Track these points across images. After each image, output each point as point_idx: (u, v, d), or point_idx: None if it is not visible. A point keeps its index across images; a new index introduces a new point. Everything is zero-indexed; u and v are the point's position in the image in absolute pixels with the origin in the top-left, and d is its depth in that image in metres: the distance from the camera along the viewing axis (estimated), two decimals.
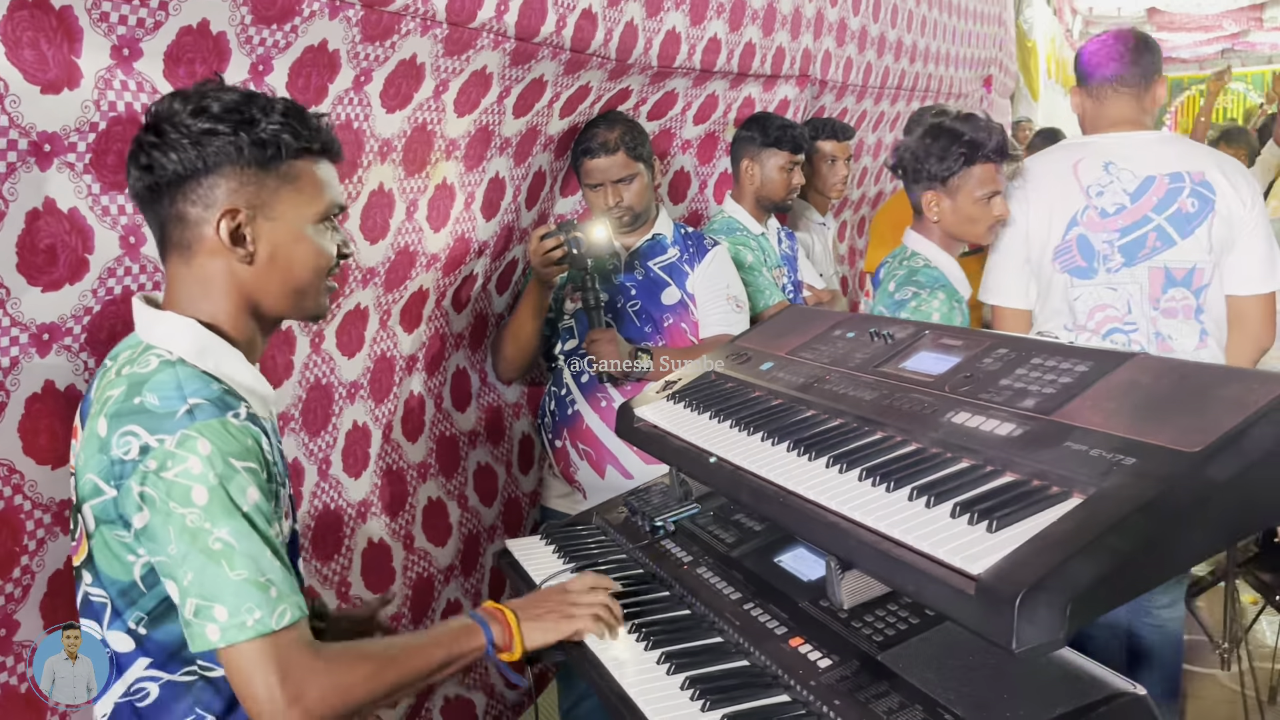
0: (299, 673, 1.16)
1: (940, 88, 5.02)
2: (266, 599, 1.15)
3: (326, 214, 1.34)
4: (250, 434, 1.21)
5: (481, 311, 2.71)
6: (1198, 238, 2.33)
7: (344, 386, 2.17)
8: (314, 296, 1.35)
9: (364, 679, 1.23)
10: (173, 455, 1.15)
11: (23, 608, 1.46)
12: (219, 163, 1.24)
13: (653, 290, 2.61)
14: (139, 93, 1.49)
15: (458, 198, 2.36)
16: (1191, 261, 2.34)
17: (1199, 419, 1.12)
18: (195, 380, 1.21)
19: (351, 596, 2.22)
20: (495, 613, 1.45)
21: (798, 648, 1.36)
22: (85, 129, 1.43)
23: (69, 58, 1.39)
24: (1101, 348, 1.38)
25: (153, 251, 1.58)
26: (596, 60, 2.47)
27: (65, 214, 1.44)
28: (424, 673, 1.32)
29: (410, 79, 2.00)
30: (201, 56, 1.57)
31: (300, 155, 1.30)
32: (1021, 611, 0.99)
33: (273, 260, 1.29)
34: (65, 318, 1.48)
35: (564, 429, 2.58)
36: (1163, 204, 2.35)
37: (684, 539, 1.78)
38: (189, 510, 1.14)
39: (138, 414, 1.17)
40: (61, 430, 1.49)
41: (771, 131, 3.06)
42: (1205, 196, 2.33)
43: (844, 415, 1.54)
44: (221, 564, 1.14)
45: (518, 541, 1.93)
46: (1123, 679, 1.13)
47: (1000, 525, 1.11)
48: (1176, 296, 2.36)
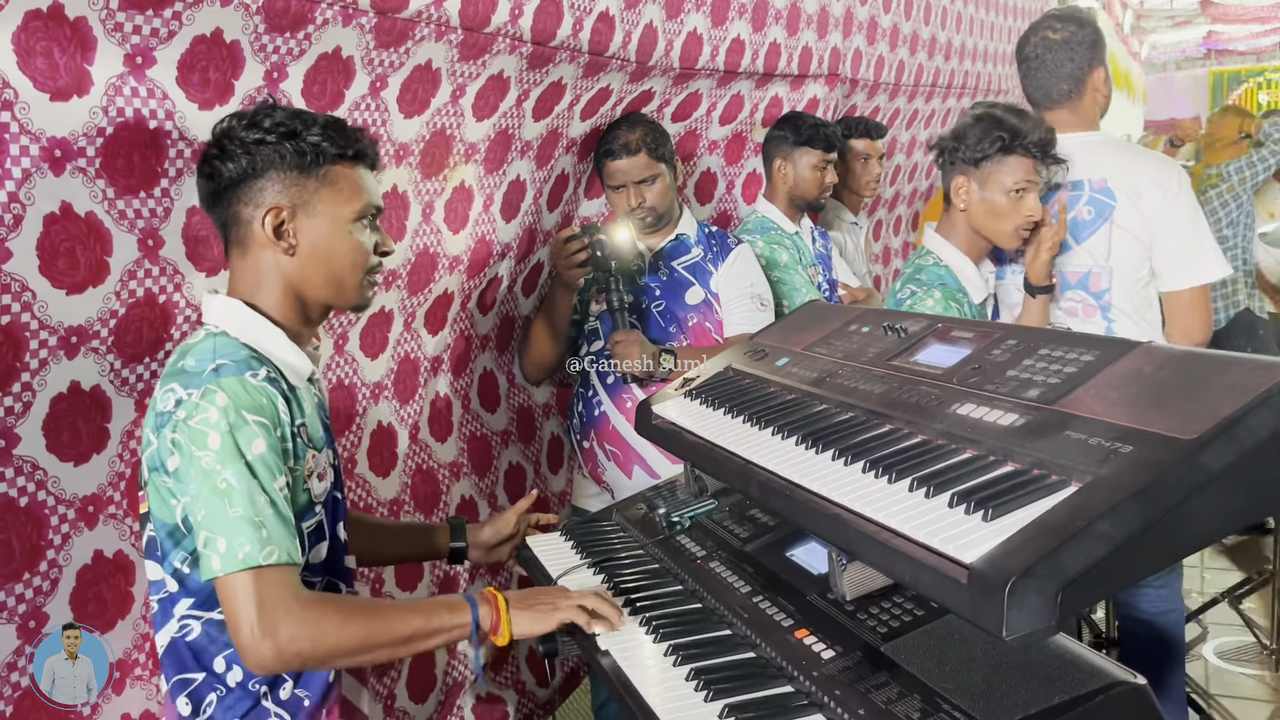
0: (274, 609, 1.27)
1: (978, 84, 4.97)
2: (258, 537, 1.28)
3: (363, 213, 1.49)
4: (266, 393, 1.35)
5: (508, 314, 2.74)
6: (1093, 244, 2.35)
7: (367, 387, 2.21)
8: (354, 286, 1.50)
9: (336, 627, 1.31)
10: (197, 406, 1.31)
11: (52, 600, 1.51)
12: (266, 167, 1.42)
13: (676, 290, 2.62)
14: (149, 99, 1.53)
15: (476, 199, 2.39)
16: (1085, 267, 2.37)
17: (1197, 406, 1.11)
18: (229, 346, 1.38)
19: (383, 593, 2.26)
20: (488, 596, 1.49)
21: (803, 639, 1.37)
22: (93, 134, 1.47)
23: (81, 66, 1.43)
24: (1108, 337, 1.36)
25: (171, 254, 1.63)
26: (616, 63, 2.49)
27: (82, 218, 1.48)
28: (400, 636, 1.38)
29: (427, 84, 2.03)
30: (215, 64, 1.61)
31: (338, 161, 1.46)
32: (1011, 599, 0.99)
33: (313, 253, 1.45)
34: (92, 320, 1.52)
35: (591, 430, 2.60)
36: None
37: (699, 534, 1.79)
38: (204, 453, 1.29)
39: (179, 374, 1.35)
40: (85, 428, 1.54)
41: (804, 130, 3.06)
42: (1102, 204, 2.33)
43: (854, 409, 1.54)
44: (224, 502, 1.28)
45: (538, 538, 1.95)
46: (1122, 668, 1.12)
47: (996, 514, 1.11)
48: (1075, 298, 2.39)
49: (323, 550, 1.47)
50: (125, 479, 1.62)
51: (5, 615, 1.44)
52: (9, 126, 1.36)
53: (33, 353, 1.44)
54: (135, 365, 1.61)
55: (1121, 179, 2.32)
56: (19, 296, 1.41)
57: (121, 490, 1.62)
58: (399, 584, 2.32)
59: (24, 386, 1.44)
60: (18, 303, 1.41)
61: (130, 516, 1.63)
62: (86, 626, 1.52)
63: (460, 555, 1.90)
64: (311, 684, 1.42)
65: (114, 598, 1.62)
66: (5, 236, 1.38)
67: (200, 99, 1.60)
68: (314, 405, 1.49)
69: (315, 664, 1.33)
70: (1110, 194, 2.33)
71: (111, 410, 1.59)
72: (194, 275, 1.68)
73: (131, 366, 1.61)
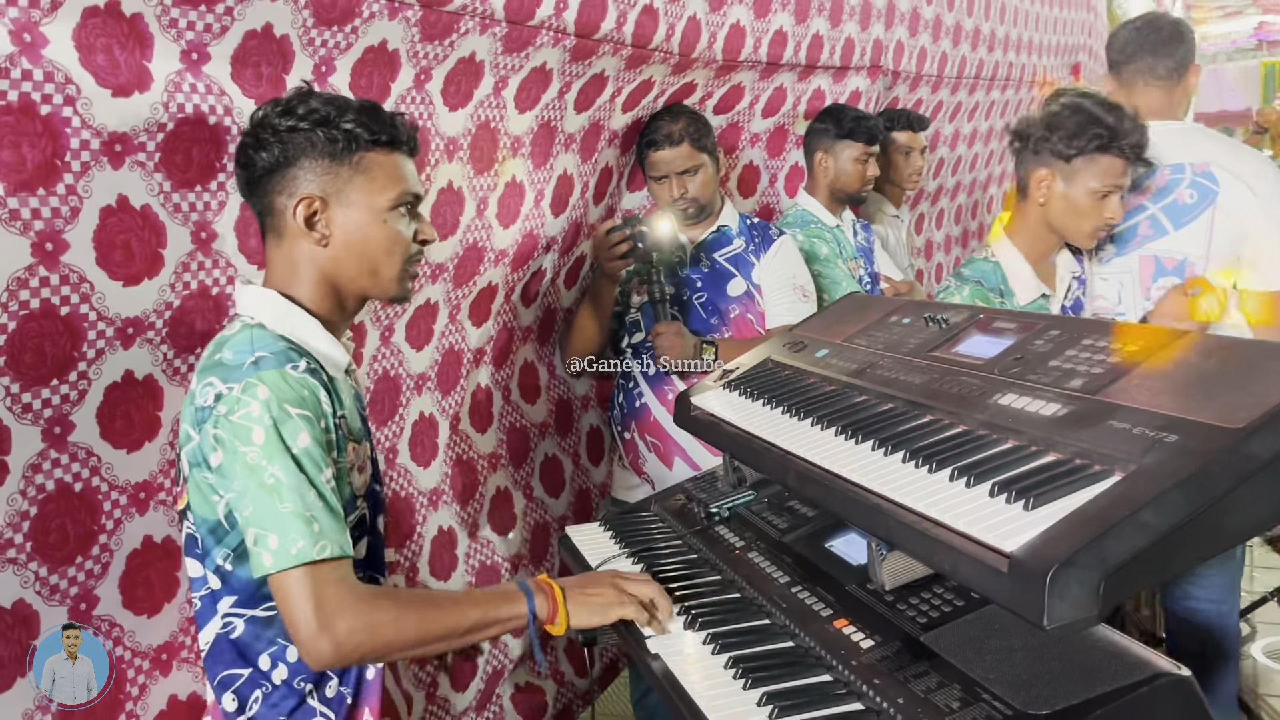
0: (331, 604, 1.26)
1: (1023, 76, 4.91)
2: (310, 531, 1.26)
3: (400, 202, 1.45)
4: (308, 385, 1.33)
5: (550, 306, 2.75)
6: (1193, 230, 2.27)
7: (411, 378, 2.23)
8: (391, 277, 1.46)
9: (393, 620, 1.29)
10: (239, 400, 1.28)
11: (102, 584, 1.54)
12: (298, 156, 1.39)
13: (718, 282, 2.62)
14: (207, 95, 1.56)
15: (528, 195, 2.40)
16: (1184, 253, 2.29)
17: (1245, 395, 1.10)
18: (266, 339, 1.35)
19: (417, 582, 2.29)
20: (544, 585, 1.47)
21: (842, 629, 1.37)
22: (154, 129, 1.50)
23: (140, 62, 1.47)
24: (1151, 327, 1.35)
25: (224, 246, 1.66)
26: (659, 55, 2.49)
27: (138, 211, 1.52)
28: (457, 629, 1.36)
29: (470, 76, 2.05)
30: (267, 59, 1.64)
31: (372, 148, 1.42)
32: (1053, 588, 0.99)
33: (347, 243, 1.42)
34: (148, 312, 1.56)
35: (632, 421, 2.61)
36: (1160, 194, 2.31)
37: (738, 525, 1.79)
38: (249, 449, 1.27)
39: (216, 367, 1.33)
40: (138, 416, 1.57)
41: (846, 123, 3.04)
42: (1206, 188, 2.26)
43: (894, 400, 1.54)
44: (273, 497, 1.26)
45: (578, 528, 1.97)
46: (1167, 660, 1.11)
47: (1037, 504, 1.10)
48: (1166, 286, 2.30)
49: (363, 546, 1.47)
50: (175, 466, 1.65)
51: (58, 597, 1.48)
52: (70, 121, 1.39)
53: (90, 343, 1.48)
54: (187, 356, 1.64)
55: (1225, 165, 2.27)
56: (77, 288, 1.44)
57: (171, 477, 1.65)
58: (431, 573, 2.34)
59: (80, 375, 1.47)
60: (76, 294, 1.44)
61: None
62: (86, 626, 1.54)
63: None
64: (353, 681, 1.41)
65: (161, 582, 1.65)
66: (63, 229, 1.42)
67: (255, 94, 1.63)
68: (351, 397, 1.48)
69: (374, 657, 1.32)
70: (1213, 179, 2.26)
71: (163, 399, 1.62)
72: (246, 268, 1.70)
73: (184, 357, 1.64)
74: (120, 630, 1.58)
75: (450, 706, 2.41)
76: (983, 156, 4.94)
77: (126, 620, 1.59)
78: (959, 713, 1.13)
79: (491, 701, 2.58)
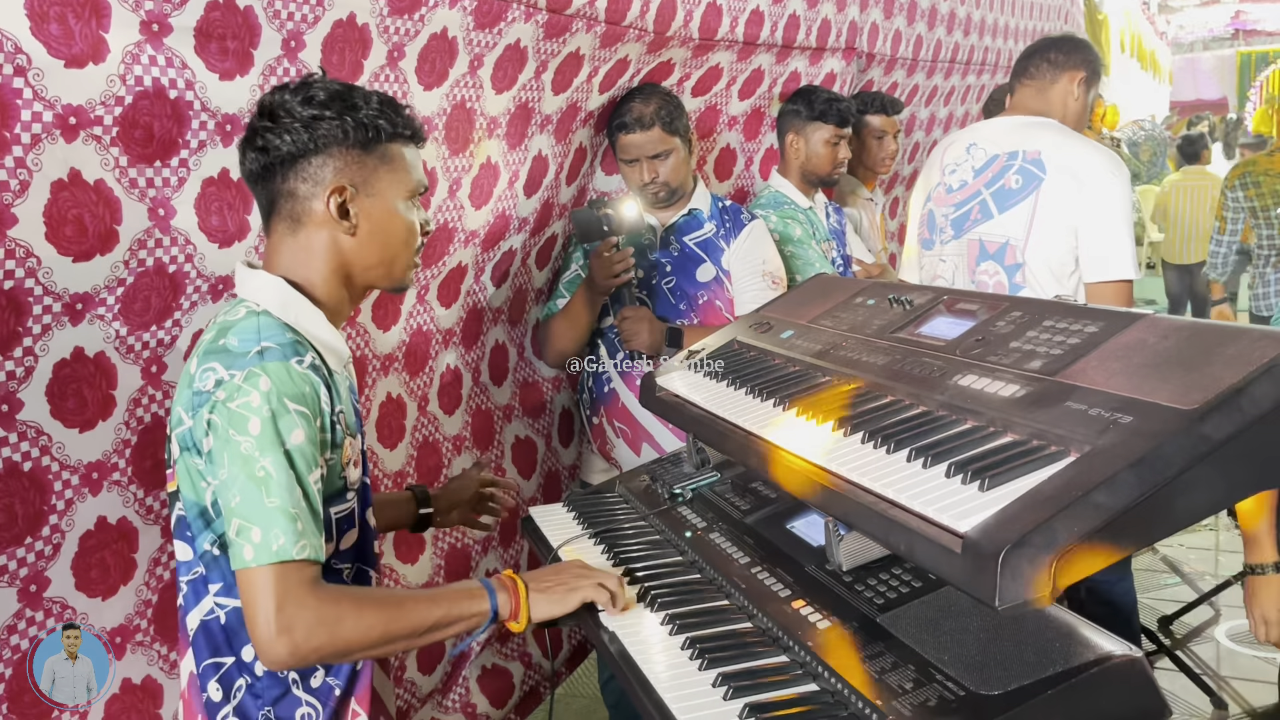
0: (293, 607, 1.24)
1: (999, 61, 4.90)
2: (293, 529, 1.25)
3: (414, 192, 1.47)
4: (309, 381, 1.32)
5: (521, 287, 2.73)
6: (1016, 213, 2.33)
7: (378, 359, 2.21)
8: (403, 267, 1.49)
9: (353, 620, 1.28)
10: (239, 389, 1.27)
11: (53, 565, 1.52)
12: (327, 144, 1.38)
13: (687, 267, 2.59)
14: (168, 68, 1.53)
15: (502, 176, 2.38)
16: (1005, 236, 2.35)
17: (1199, 377, 1.10)
18: (273, 328, 1.33)
19: (383, 566, 2.27)
20: (507, 581, 1.46)
21: (799, 610, 1.36)
22: (111, 103, 1.47)
23: (97, 33, 1.43)
24: (1113, 309, 1.34)
25: (183, 224, 1.63)
26: (633, 33, 2.46)
27: (91, 185, 1.48)
28: (419, 628, 1.35)
29: (444, 54, 2.01)
30: (232, 32, 1.60)
31: (394, 139, 1.44)
32: (1004, 568, 0.98)
33: (372, 233, 1.43)
34: (98, 288, 1.53)
35: (601, 406, 2.59)
36: (993, 179, 2.38)
37: (700, 506, 1.79)
38: (244, 438, 1.25)
39: (220, 353, 1.31)
40: (90, 395, 1.55)
41: (817, 105, 3.03)
42: (1032, 174, 2.32)
43: (857, 380, 1.53)
44: (261, 490, 1.25)
45: (541, 509, 1.96)
46: (1118, 641, 1.11)
47: (992, 484, 1.10)
48: (989, 270, 2.37)
49: (353, 536, 1.46)
50: (131, 446, 1.63)
51: (6, 579, 1.45)
52: (21, 93, 1.36)
53: (35, 318, 1.45)
54: (142, 333, 1.62)
55: (1056, 155, 2.32)
56: (23, 262, 1.41)
57: (127, 457, 1.63)
58: (398, 556, 2.32)
59: (25, 351, 1.44)
60: (21, 268, 1.41)
61: (135, 484, 1.64)
62: (87, 625, 1.53)
63: (427, 522, 1.88)
64: (341, 673, 1.40)
65: (117, 564, 1.63)
66: (11, 203, 1.38)
67: (220, 69, 1.60)
68: (347, 390, 1.46)
69: (334, 658, 1.31)
70: (1041, 166, 2.32)
71: (117, 377, 1.59)
72: (206, 247, 1.67)
73: (138, 335, 1.61)
74: (73, 613, 1.56)
75: (417, 689, 2.40)
76: None
77: (79, 603, 1.57)
78: (912, 693, 1.12)
79: (458, 684, 2.57)
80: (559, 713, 3.28)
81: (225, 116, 1.63)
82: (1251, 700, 3.19)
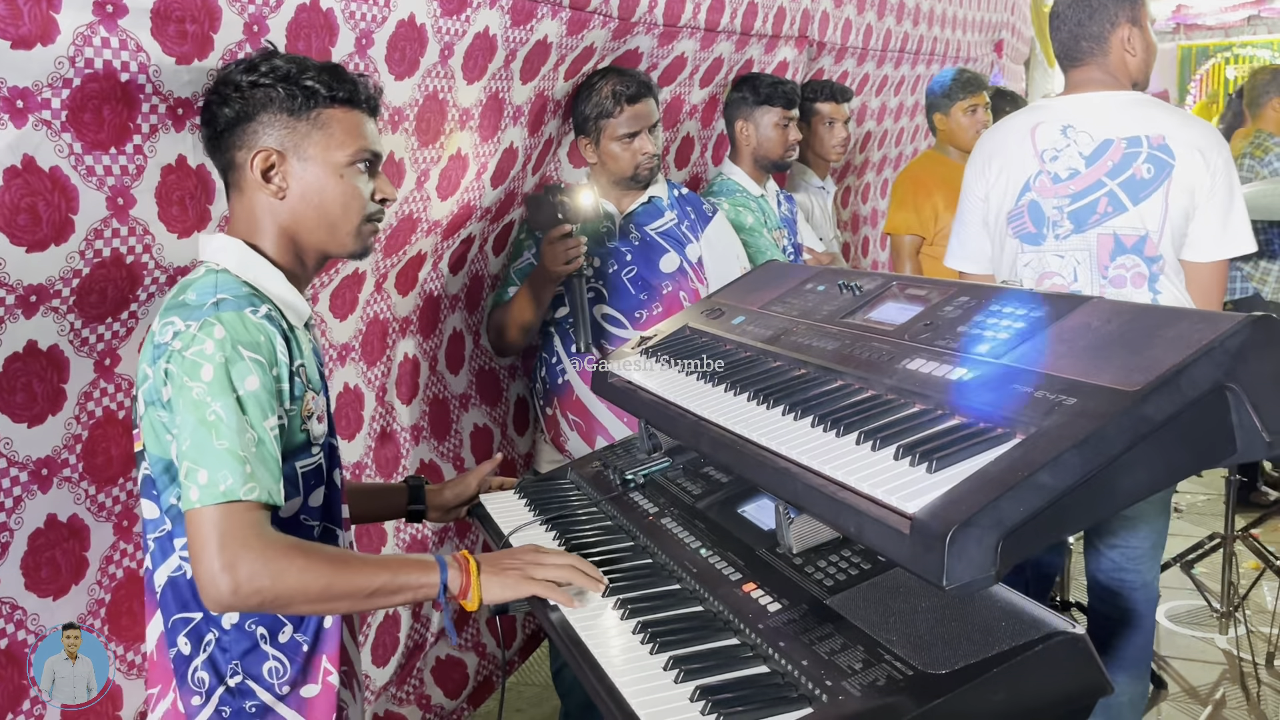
0: (236, 546, 1.24)
1: (947, 51, 4.95)
2: (241, 471, 1.26)
3: (358, 158, 1.46)
4: (265, 331, 1.34)
5: (477, 273, 2.70)
6: (1151, 204, 2.23)
7: (334, 349, 2.18)
8: (348, 232, 1.48)
9: (298, 570, 1.27)
10: (194, 338, 1.29)
11: (2, 565, 1.48)
12: (258, 110, 1.40)
13: (649, 256, 2.56)
14: (120, 50, 1.46)
15: (470, 168, 2.34)
16: (1143, 228, 2.24)
17: (1141, 359, 1.12)
18: (230, 282, 1.37)
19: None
20: (460, 559, 1.44)
21: (750, 593, 1.37)
22: (59, 85, 1.41)
23: (47, 13, 1.37)
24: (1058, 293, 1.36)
25: (142, 214, 1.58)
26: (599, 19, 2.44)
27: (46, 172, 1.43)
28: (363, 590, 1.34)
29: (413, 42, 1.98)
30: (191, 15, 1.54)
31: (331, 104, 1.43)
32: (952, 548, 1.00)
33: (304, 197, 1.43)
34: (53, 279, 1.47)
35: (554, 397, 2.56)
36: (1117, 169, 2.25)
37: (652, 491, 1.79)
38: (196, 384, 1.28)
39: (179, 308, 1.34)
40: (40, 389, 1.50)
41: (762, 89, 3.04)
42: (1163, 161, 2.22)
43: (807, 365, 1.54)
44: (211, 433, 1.26)
45: (491, 495, 1.94)
46: (1061, 618, 1.13)
47: (940, 466, 1.11)
48: (1126, 264, 2.27)
49: (320, 494, 1.45)
50: (82, 441, 1.59)
51: None
52: None
53: None
54: (97, 326, 1.57)
55: (1180, 138, 2.22)
56: None
57: (77, 453, 1.59)
58: (360, 547, 2.30)
59: None
60: None
61: (87, 480, 1.60)
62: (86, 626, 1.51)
63: (418, 516, 1.89)
64: (309, 629, 1.40)
65: (68, 563, 1.59)
66: None
67: (178, 52, 1.54)
68: (310, 349, 1.47)
69: (274, 606, 1.30)
70: (1170, 152, 2.21)
71: (69, 371, 1.55)
72: (165, 237, 1.63)
73: (93, 327, 1.57)
74: (23, 613, 1.52)
75: (370, 682, 2.38)
76: (908, 131, 4.98)
77: (29, 603, 1.53)
78: (861, 673, 1.13)
79: (412, 675, 2.55)
80: (510, 700, 3.27)
81: (177, 100, 1.59)
82: (1191, 680, 3.26)
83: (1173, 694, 3.19)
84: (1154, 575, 2.47)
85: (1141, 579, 2.45)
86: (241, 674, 1.36)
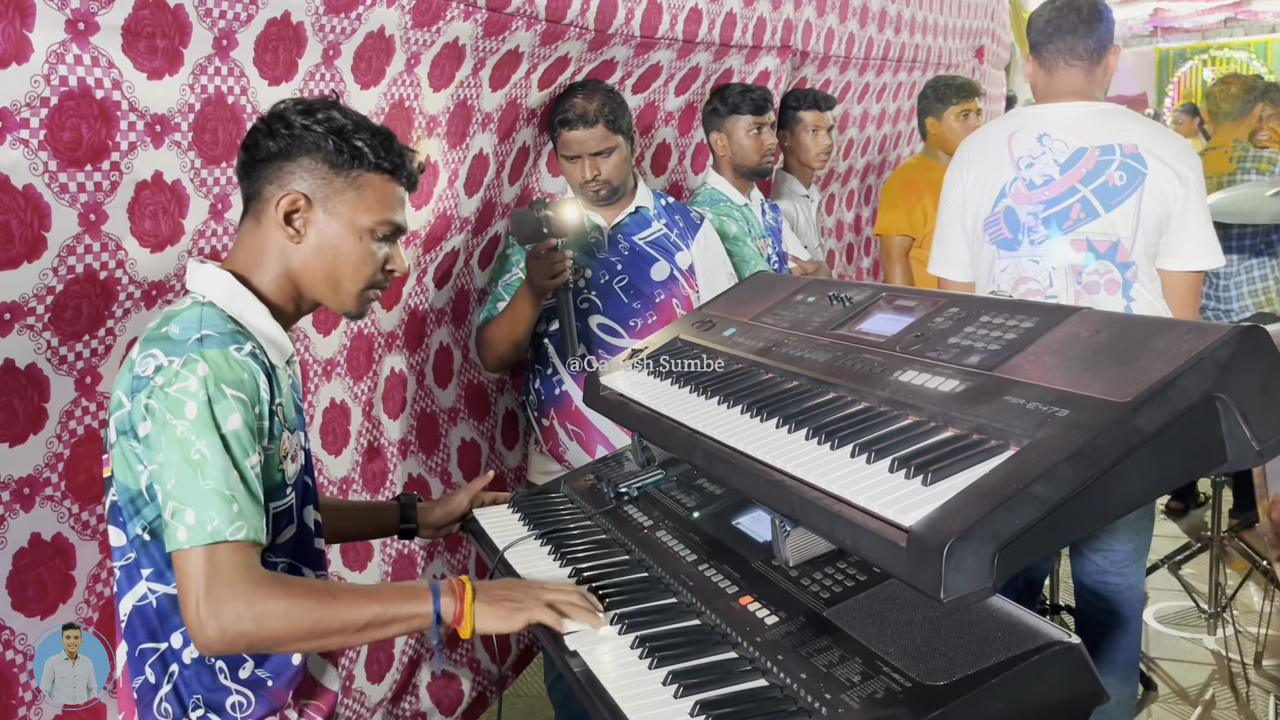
0: (222, 589, 1.24)
1: (929, 58, 4.98)
2: (228, 511, 1.26)
3: (382, 227, 1.48)
4: (248, 369, 1.33)
5: (463, 288, 2.70)
6: (1124, 211, 2.27)
7: (319, 364, 2.18)
8: (350, 293, 1.49)
9: (284, 611, 1.27)
10: (177, 374, 1.29)
11: None
12: (301, 153, 1.43)
13: (640, 265, 2.57)
14: (94, 67, 1.48)
15: (441, 175, 2.35)
16: (1115, 235, 2.28)
17: (1132, 370, 1.13)
18: (215, 318, 1.36)
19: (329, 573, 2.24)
20: (455, 585, 1.41)
21: (747, 606, 1.38)
22: (36, 104, 1.42)
23: (20, 32, 1.39)
24: (1048, 304, 1.38)
25: (115, 229, 1.58)
26: (574, 30, 2.45)
27: (20, 190, 1.43)
28: (354, 624, 1.32)
29: (380, 53, 1.99)
30: (162, 31, 1.56)
31: (374, 170, 1.46)
32: (949, 561, 1.00)
33: (319, 249, 1.45)
34: (27, 297, 1.48)
35: (551, 409, 2.56)
36: (1090, 175, 2.29)
37: (646, 504, 1.79)
38: (180, 422, 1.27)
39: (161, 340, 1.33)
40: (21, 408, 1.50)
41: (730, 98, 3.08)
42: (1135, 169, 2.26)
43: (799, 377, 1.55)
44: (196, 473, 1.26)
45: (485, 510, 1.94)
46: (1057, 628, 1.14)
47: (935, 478, 1.12)
48: (1099, 270, 2.31)
49: (290, 532, 1.44)
50: (64, 460, 1.58)
51: None
52: None
53: None
54: (74, 343, 1.57)
55: (1152, 149, 2.26)
56: None
57: (60, 472, 1.58)
58: (345, 564, 2.29)
59: None
60: None
61: (70, 499, 1.59)
62: (86, 626, 1.50)
63: (410, 535, 1.89)
64: (272, 665, 1.39)
65: (54, 581, 1.58)
66: None
67: (149, 68, 1.55)
68: (289, 386, 1.47)
69: (263, 648, 1.30)
70: (1142, 161, 2.26)
71: (50, 389, 1.55)
72: (138, 252, 1.63)
73: (70, 345, 1.56)
74: (10, 633, 1.51)
75: (365, 699, 2.37)
76: (891, 138, 5.01)
77: (17, 622, 1.52)
78: (859, 686, 1.14)
79: (408, 692, 2.55)
80: (505, 713, 3.27)
81: (155, 117, 1.60)
82: (1180, 681, 3.29)
83: (1162, 695, 3.21)
84: (1139, 578, 2.50)
85: (1126, 582, 2.48)
86: (204, 708, 1.35)
